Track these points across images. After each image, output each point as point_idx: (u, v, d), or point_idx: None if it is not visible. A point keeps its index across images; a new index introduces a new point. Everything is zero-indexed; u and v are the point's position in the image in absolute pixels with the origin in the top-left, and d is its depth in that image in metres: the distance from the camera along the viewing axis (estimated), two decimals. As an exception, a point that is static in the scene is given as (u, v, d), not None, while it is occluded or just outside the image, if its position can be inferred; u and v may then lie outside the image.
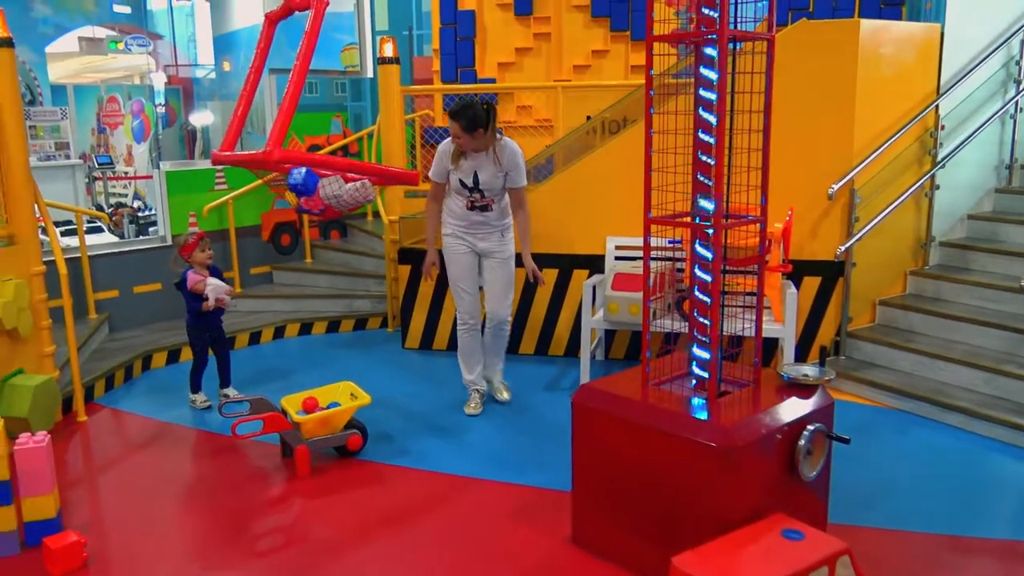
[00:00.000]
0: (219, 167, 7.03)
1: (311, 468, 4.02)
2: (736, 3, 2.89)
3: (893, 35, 5.24)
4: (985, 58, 5.48)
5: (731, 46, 2.92)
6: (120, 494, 3.94)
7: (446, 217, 4.70)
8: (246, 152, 4.10)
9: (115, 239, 8.38)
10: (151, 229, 9.32)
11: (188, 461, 4.25)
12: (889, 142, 5.14)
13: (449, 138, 4.53)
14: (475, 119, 4.34)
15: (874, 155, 5.09)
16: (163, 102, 14.72)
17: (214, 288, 4.71)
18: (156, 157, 13.57)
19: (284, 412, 4.08)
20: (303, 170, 4.36)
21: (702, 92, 2.96)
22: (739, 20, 2.96)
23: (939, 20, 5.61)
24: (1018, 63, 5.70)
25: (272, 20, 4.38)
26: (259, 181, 7.18)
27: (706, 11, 2.90)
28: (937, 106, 5.41)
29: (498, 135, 4.52)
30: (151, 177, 12.91)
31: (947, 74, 5.48)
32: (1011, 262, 5.17)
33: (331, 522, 3.57)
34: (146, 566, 3.26)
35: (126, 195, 12.75)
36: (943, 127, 5.47)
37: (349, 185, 4.51)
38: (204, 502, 3.80)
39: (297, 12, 4.47)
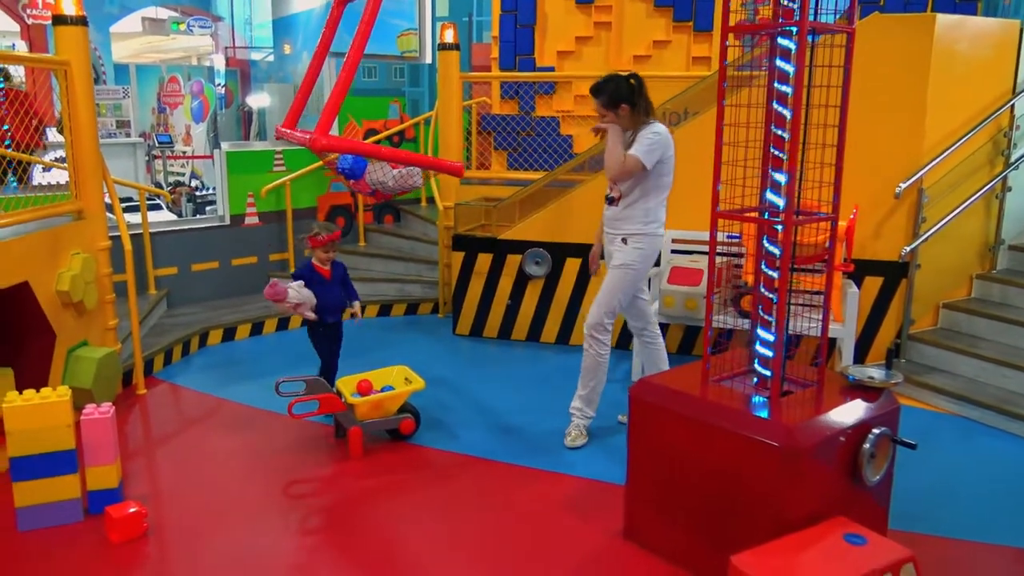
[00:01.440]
0: (278, 149, 7.11)
1: (364, 450, 4.06)
2: (816, -6, 2.82)
3: (969, 31, 5.07)
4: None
5: (809, 38, 2.84)
6: (178, 467, 4.02)
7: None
8: (299, 132, 4.14)
9: (173, 217, 8.57)
10: (208, 208, 9.51)
11: (243, 437, 4.32)
12: (961, 141, 4.99)
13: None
14: (616, 93, 3.89)
15: (945, 154, 4.94)
16: (223, 83, 14.94)
17: (296, 295, 4.39)
18: (214, 137, 13.82)
19: (339, 394, 4.12)
20: (350, 156, 4.39)
21: (777, 85, 2.90)
22: (818, 11, 2.88)
23: (1018, 16, 5.43)
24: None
25: (341, 2, 4.39)
26: (316, 164, 7.25)
27: (785, 2, 2.83)
28: (1013, 105, 5.23)
29: (650, 121, 3.96)
30: (211, 157, 13.18)
31: (1024, 72, 5.30)
32: (1084, 269, 5.00)
33: (381, 504, 3.60)
34: (203, 538, 3.32)
35: (183, 174, 13.01)
36: (1018, 127, 5.30)
37: (395, 172, 4.53)
38: (259, 479, 3.86)
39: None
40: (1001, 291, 5.18)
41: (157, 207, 8.56)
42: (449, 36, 6.58)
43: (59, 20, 4.43)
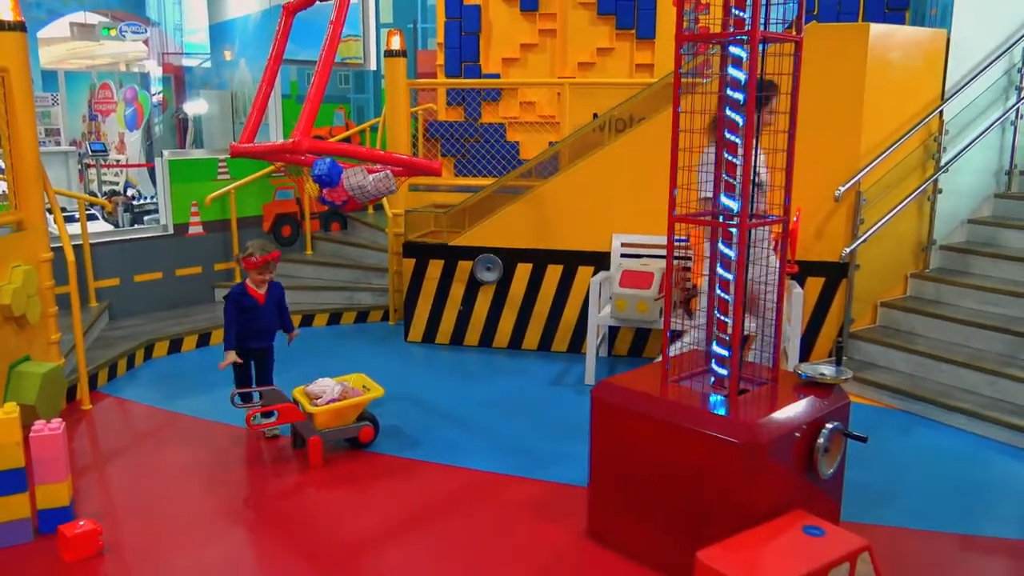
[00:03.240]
0: (222, 157, 7.00)
1: (323, 459, 4.02)
2: (766, 4, 2.92)
3: (901, 40, 5.29)
4: (988, 65, 5.55)
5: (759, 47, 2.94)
6: (131, 482, 3.93)
7: None
8: (270, 142, 4.09)
9: (110, 227, 8.34)
10: (146, 218, 9.28)
11: (197, 450, 4.24)
12: (895, 146, 5.20)
13: None
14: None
15: (880, 158, 5.14)
16: (159, 90, 14.60)
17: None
18: (149, 146, 13.48)
19: (296, 403, 4.08)
20: (328, 160, 4.33)
21: (729, 92, 2.99)
22: (768, 22, 2.98)
23: (944, 26, 5.67)
24: (1020, 70, 5.78)
25: (290, 11, 4.37)
26: (261, 172, 7.15)
27: (736, 12, 2.92)
28: (942, 111, 5.47)
29: None
30: (147, 166, 12.84)
31: (951, 80, 5.54)
32: (1010, 266, 5.24)
33: (344, 514, 3.58)
34: (163, 555, 3.25)
35: (117, 183, 12.66)
36: (947, 132, 5.54)
37: (372, 176, 4.49)
38: (216, 492, 3.79)
39: (317, 2, 4.46)
40: (935, 289, 5.40)
41: (93, 217, 8.32)
42: (396, 43, 6.57)
43: (-5, 25, 4.29)
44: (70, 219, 6.68)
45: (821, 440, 2.99)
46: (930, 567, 3.15)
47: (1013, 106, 5.72)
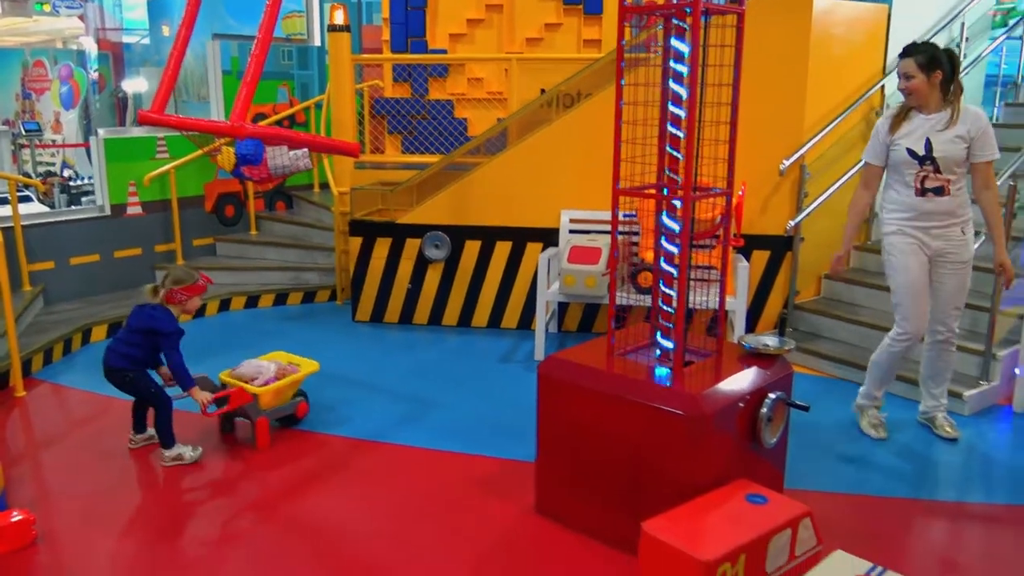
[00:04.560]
0: (161, 135, 6.79)
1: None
2: (707, -26, 2.89)
3: (843, 14, 5.34)
4: (928, 40, 5.62)
5: (702, 19, 2.92)
6: (66, 470, 3.80)
7: (888, 211, 3.83)
8: (206, 120, 3.97)
9: (46, 209, 8.07)
10: (84, 199, 9.00)
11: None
12: (838, 120, 5.26)
13: (885, 115, 3.80)
14: (935, 58, 3.56)
15: (823, 132, 5.20)
16: (95, 67, 14.15)
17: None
18: (87, 125, 13.06)
19: (224, 386, 3.96)
20: (254, 140, 4.26)
21: (673, 64, 2.97)
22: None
23: (886, 1, 5.74)
24: (959, 45, 5.88)
25: None
26: (200, 152, 6.95)
27: (677, -18, 2.90)
28: (883, 86, 5.55)
29: (969, 105, 3.67)
30: (87, 145, 12.44)
31: (893, 54, 5.62)
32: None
33: (288, 497, 3.52)
34: (97, 545, 3.15)
35: (54, 163, 12.25)
36: (888, 106, 5.62)
37: (292, 153, 4.45)
38: (155, 479, 3.70)
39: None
40: (877, 261, 5.46)
41: (27, 199, 8.04)
42: (339, 17, 6.43)
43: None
44: (2, 201, 6.43)
45: (764, 410, 3.02)
46: (869, 530, 3.21)
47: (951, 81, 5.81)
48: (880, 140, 3.77)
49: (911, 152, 3.62)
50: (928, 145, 3.59)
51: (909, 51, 3.62)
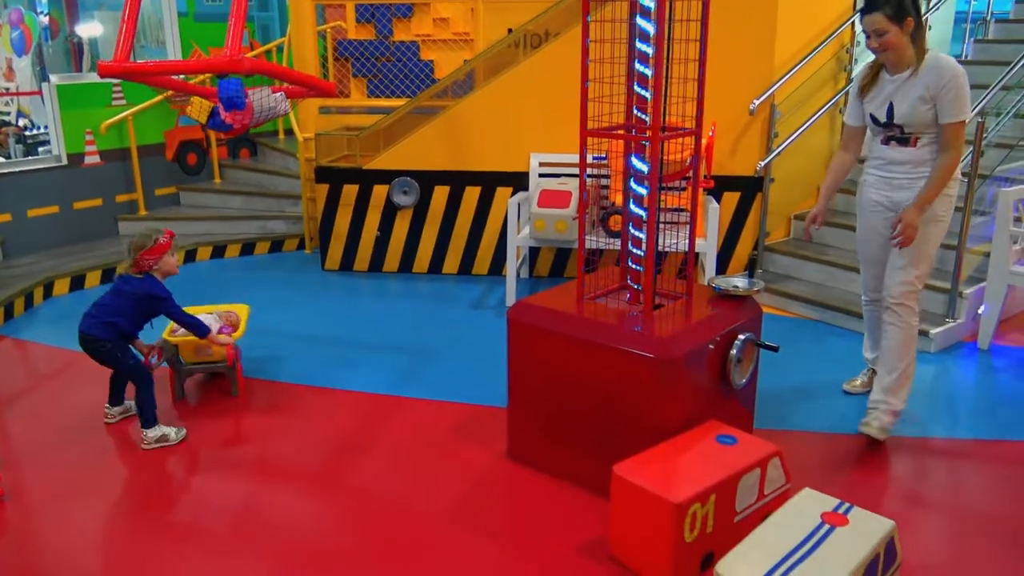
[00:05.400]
0: (116, 81, 6.57)
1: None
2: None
3: (814, -52, 5.24)
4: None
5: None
6: (32, 427, 3.74)
7: (867, 160, 3.49)
8: (198, 59, 3.82)
9: (1, 159, 7.82)
10: (41, 149, 8.73)
11: (101, 391, 4.05)
12: (808, 58, 5.20)
13: (858, 73, 3.43)
14: (902, 5, 3.07)
15: (793, 71, 5.14)
16: (45, 11, 13.60)
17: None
18: (41, 71, 12.61)
19: (166, 345, 3.84)
20: (237, 80, 4.05)
21: (640, 1, 2.89)
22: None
23: (857, -66, 5.64)
24: (929, -19, 5.81)
25: None
26: (160, 97, 6.76)
27: (644, -87, 2.80)
28: (853, 22, 5.48)
29: (935, 53, 3.18)
30: (39, 93, 12.04)
31: (863, -10, 5.54)
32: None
33: (258, 448, 3.50)
34: (65, 502, 3.11)
35: (8, 113, 11.86)
36: (858, 43, 5.56)
37: (274, 96, 4.26)
38: (122, 433, 3.65)
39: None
40: (845, 201, 5.49)
41: (-19, 149, 7.78)
42: (298, -45, 6.20)
43: None
44: (-48, 152, 6.22)
45: (734, 351, 3.03)
46: (838, 467, 3.26)
47: (924, 15, 5.75)
48: (854, 99, 3.42)
49: (874, 118, 3.30)
50: (890, 110, 3.22)
51: (874, 3, 3.10)
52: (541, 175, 5.49)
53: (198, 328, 3.63)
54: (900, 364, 3.36)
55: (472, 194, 5.74)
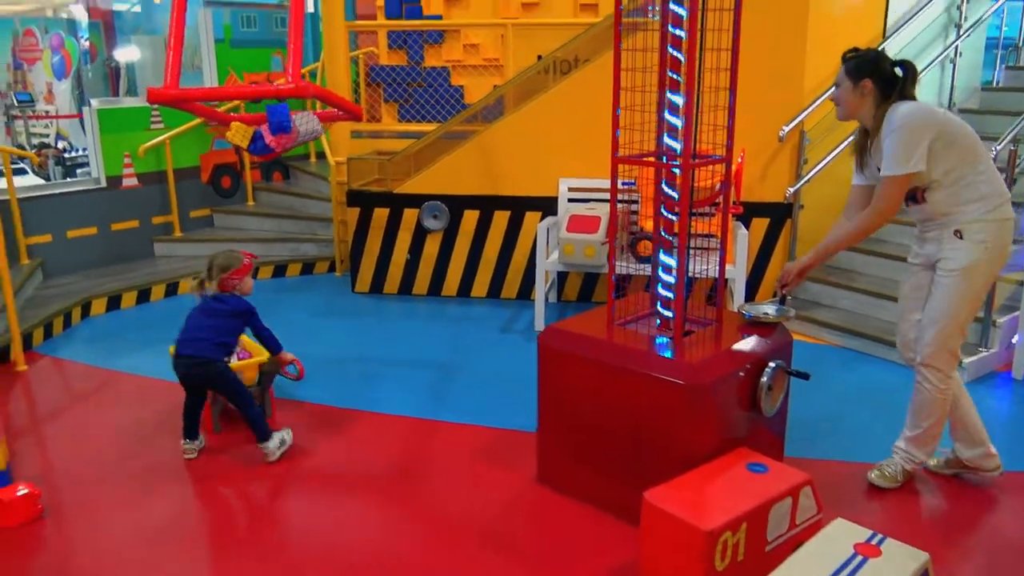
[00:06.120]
0: (155, 105, 6.72)
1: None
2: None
3: (843, -23, 5.26)
4: (929, 2, 5.57)
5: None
6: (70, 444, 3.82)
7: None
8: (264, 86, 3.94)
9: (41, 181, 8.02)
10: (80, 171, 8.93)
11: (137, 409, 4.14)
12: (838, 84, 5.20)
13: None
14: (862, 65, 3.04)
15: (823, 97, 5.14)
16: (86, 36, 13.98)
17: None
18: (80, 95, 12.93)
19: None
20: (284, 105, 4.18)
21: (671, 29, 2.93)
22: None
23: (886, -38, 5.66)
24: (959, 7, 5.81)
25: None
26: (197, 121, 6.90)
27: (676, -54, 2.85)
28: (883, 49, 5.47)
29: (897, 103, 3.00)
30: (78, 116, 12.32)
31: (893, 17, 5.56)
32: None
33: (289, 466, 3.54)
34: (103, 518, 3.18)
35: (48, 135, 12.14)
36: (888, 70, 5.56)
37: (313, 119, 4.36)
38: (158, 451, 3.71)
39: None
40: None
41: (22, 171, 7.99)
42: (332, -17, 6.34)
43: None
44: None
45: (764, 379, 3.02)
46: (869, 498, 3.24)
47: (952, 44, 5.76)
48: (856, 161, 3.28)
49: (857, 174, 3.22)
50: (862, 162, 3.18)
51: (846, 52, 3.13)
52: (570, 200, 5.53)
53: (274, 344, 3.70)
54: (923, 424, 3.22)
55: (501, 218, 5.79)
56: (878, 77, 3.03)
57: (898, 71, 3.06)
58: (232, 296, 3.61)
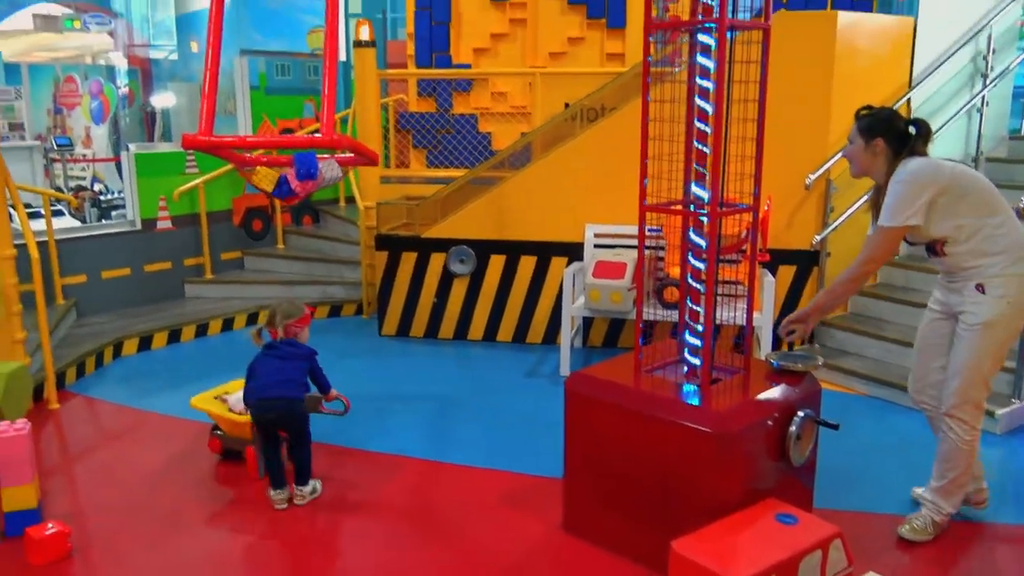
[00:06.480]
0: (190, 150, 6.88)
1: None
2: (734, -8, 2.91)
3: (868, 27, 5.32)
4: (954, 52, 5.60)
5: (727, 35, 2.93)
6: (100, 484, 3.86)
7: None
8: (301, 136, 4.09)
9: (77, 223, 8.20)
10: (114, 213, 9.13)
11: (167, 450, 4.17)
12: (864, 133, 5.23)
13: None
14: (874, 125, 3.11)
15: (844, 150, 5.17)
16: (125, 83, 14.39)
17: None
18: (116, 140, 13.27)
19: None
20: (313, 153, 4.34)
21: (699, 80, 2.98)
22: (736, 9, 2.97)
23: (911, 14, 5.72)
24: (985, 57, 5.84)
25: None
26: (230, 167, 7.04)
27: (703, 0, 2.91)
28: (909, 99, 5.52)
29: (907, 160, 3.06)
30: (115, 160, 12.62)
31: (919, 67, 5.59)
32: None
33: (315, 508, 3.55)
34: (132, 557, 3.20)
35: (84, 178, 12.45)
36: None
37: (335, 166, 4.49)
38: (186, 492, 3.74)
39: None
40: (904, 276, 5.45)
41: (60, 213, 8.17)
42: (365, 33, 6.51)
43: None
44: (35, 215, 6.55)
45: (793, 428, 3.01)
46: (901, 551, 3.18)
47: (979, 93, 5.78)
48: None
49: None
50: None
51: (859, 110, 3.21)
52: (596, 246, 5.56)
53: (326, 383, 3.78)
54: (948, 474, 3.19)
55: (528, 263, 5.83)
56: (891, 136, 3.09)
57: (911, 130, 3.09)
58: (294, 342, 3.69)
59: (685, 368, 3.22)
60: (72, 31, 15.82)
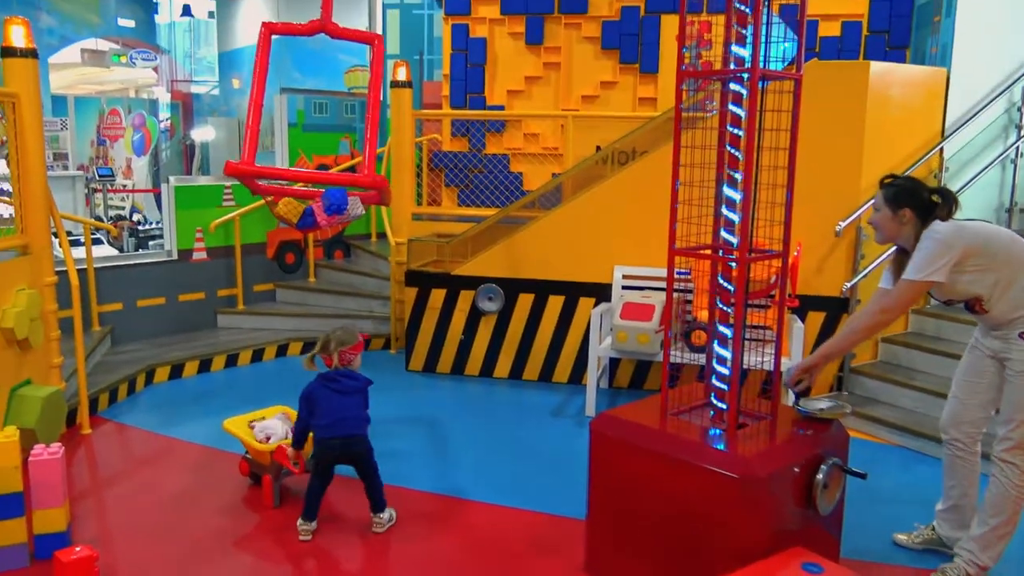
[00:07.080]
0: (227, 184, 7.05)
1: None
2: (766, 43, 2.96)
3: (901, 77, 5.35)
4: (988, 103, 5.61)
5: (759, 84, 2.98)
6: (128, 509, 3.91)
7: None
8: (348, 173, 4.28)
9: (115, 252, 8.40)
10: (151, 243, 9.34)
11: (195, 477, 4.23)
12: (895, 182, 5.23)
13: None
14: (900, 194, 3.15)
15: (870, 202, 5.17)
16: (168, 116, 14.79)
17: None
18: (156, 171, 13.60)
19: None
20: (343, 190, 4.48)
21: (730, 128, 3.02)
22: (767, 59, 3.02)
23: (945, 65, 5.74)
24: (1020, 109, 5.83)
25: (269, 30, 4.48)
26: (264, 201, 7.19)
27: (736, 49, 2.97)
28: (942, 148, 5.52)
29: (934, 223, 3.11)
30: (154, 191, 12.92)
31: (952, 117, 5.60)
32: (1012, 304, 5.24)
33: (339, 543, 3.56)
34: (157, 582, 3.24)
35: (124, 208, 12.75)
36: (947, 169, 5.58)
37: (359, 203, 4.62)
38: (213, 519, 3.78)
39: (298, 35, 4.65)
40: (935, 325, 5.41)
41: (99, 241, 8.39)
42: (402, 74, 6.66)
43: (8, 52, 4.37)
44: (75, 243, 6.72)
45: (820, 476, 2.98)
46: (930, 606, 3.13)
47: (1013, 144, 5.76)
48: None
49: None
50: None
51: (884, 178, 3.25)
52: (624, 287, 5.58)
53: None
54: (991, 520, 3.14)
55: (555, 303, 5.86)
56: (917, 206, 3.14)
57: (936, 198, 3.14)
58: (353, 371, 3.69)
59: (712, 412, 3.22)
60: (118, 65, 16.33)
